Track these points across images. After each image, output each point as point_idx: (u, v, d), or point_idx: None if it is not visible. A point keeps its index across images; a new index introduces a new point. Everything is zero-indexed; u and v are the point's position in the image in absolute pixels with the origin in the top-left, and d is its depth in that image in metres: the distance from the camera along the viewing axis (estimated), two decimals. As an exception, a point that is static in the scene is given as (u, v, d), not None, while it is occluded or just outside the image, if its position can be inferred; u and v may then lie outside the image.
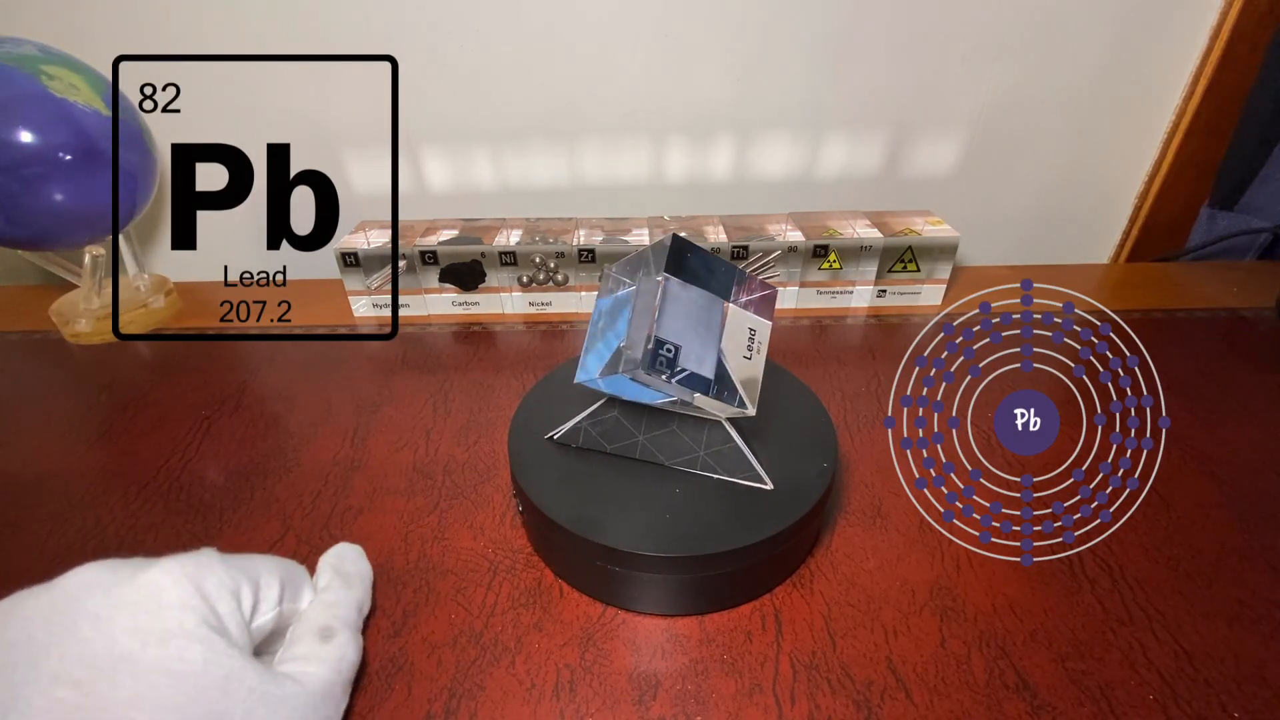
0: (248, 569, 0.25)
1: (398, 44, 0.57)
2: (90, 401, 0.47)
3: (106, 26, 0.56)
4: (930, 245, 0.55)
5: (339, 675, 0.26)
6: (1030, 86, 0.62)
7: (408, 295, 0.56)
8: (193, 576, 0.23)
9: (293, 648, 0.25)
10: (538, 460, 0.33)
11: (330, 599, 0.28)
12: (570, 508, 0.31)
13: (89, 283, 0.53)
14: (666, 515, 0.30)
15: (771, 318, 0.31)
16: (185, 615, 0.22)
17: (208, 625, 0.22)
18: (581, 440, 0.34)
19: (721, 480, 0.32)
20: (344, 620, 0.27)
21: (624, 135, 0.63)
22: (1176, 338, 0.53)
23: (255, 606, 0.25)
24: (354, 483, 0.39)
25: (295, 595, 0.27)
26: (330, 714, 0.25)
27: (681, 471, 0.33)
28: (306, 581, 0.28)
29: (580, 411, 0.34)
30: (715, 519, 0.30)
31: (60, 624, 0.21)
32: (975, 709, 0.28)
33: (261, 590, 0.25)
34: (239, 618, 0.24)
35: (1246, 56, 0.59)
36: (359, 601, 0.30)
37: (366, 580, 0.31)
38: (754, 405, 0.29)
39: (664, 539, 0.29)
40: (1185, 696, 0.28)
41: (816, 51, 0.59)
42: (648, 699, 0.28)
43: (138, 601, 0.22)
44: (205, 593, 0.23)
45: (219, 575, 0.23)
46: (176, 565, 0.23)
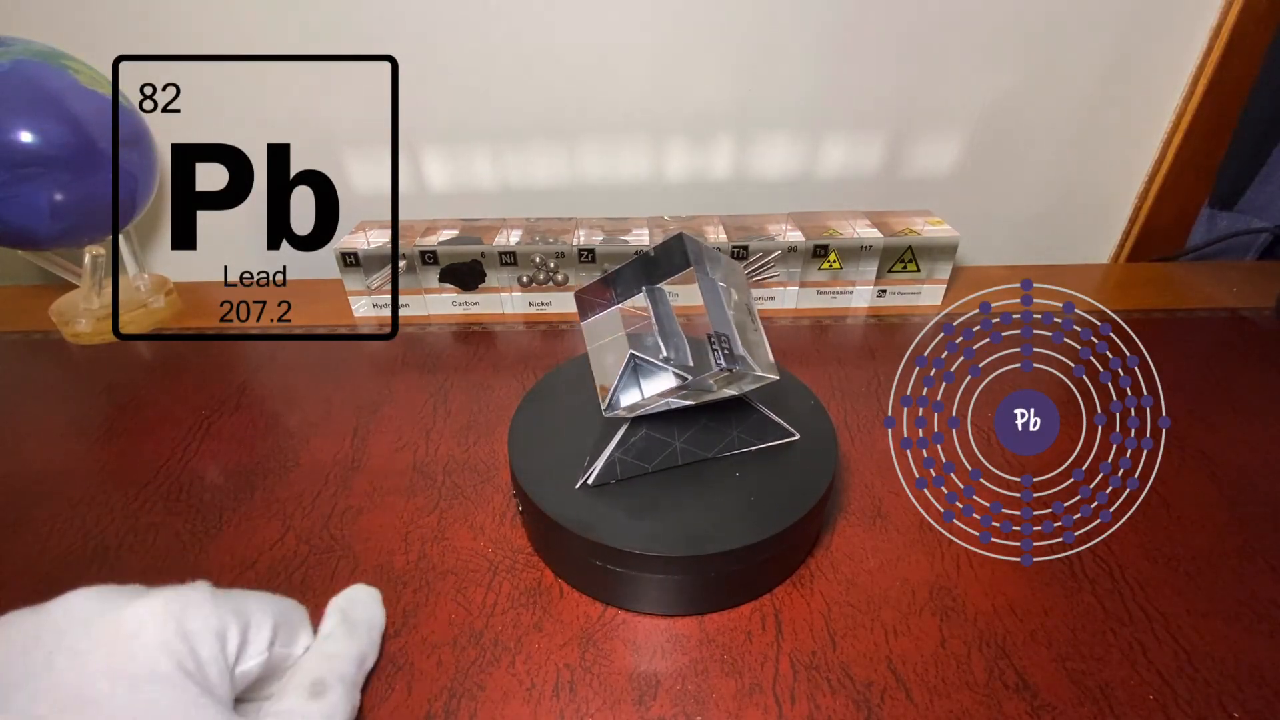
0: (240, 608, 0.24)
1: (398, 44, 0.57)
2: (90, 401, 0.47)
3: (106, 26, 0.56)
4: (930, 245, 0.55)
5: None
6: (1030, 87, 0.62)
7: (408, 295, 0.56)
8: (177, 615, 0.22)
9: (280, 701, 0.24)
10: (538, 461, 0.33)
11: (329, 649, 0.26)
12: (570, 507, 0.31)
13: (89, 283, 0.53)
14: (667, 515, 0.30)
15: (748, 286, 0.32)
16: (161, 658, 0.21)
17: (183, 670, 0.21)
18: (620, 473, 0.32)
19: (747, 457, 0.33)
20: (340, 674, 0.26)
21: (624, 135, 0.63)
22: (1176, 338, 0.53)
23: (242, 649, 0.23)
24: (354, 483, 0.39)
25: (290, 639, 0.25)
26: None
27: (725, 459, 0.33)
28: (305, 624, 0.27)
29: (602, 444, 0.32)
30: (715, 518, 0.30)
31: (38, 657, 0.20)
32: (975, 709, 0.28)
33: (251, 631, 0.24)
34: (221, 662, 0.22)
35: (1246, 56, 0.59)
36: (361, 654, 0.28)
37: (375, 629, 0.29)
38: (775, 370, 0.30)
39: (663, 539, 0.29)
40: (1185, 696, 0.28)
41: (816, 51, 0.59)
42: (648, 699, 0.28)
43: (115, 640, 0.21)
44: (187, 633, 0.22)
45: (205, 614, 0.22)
46: (161, 602, 0.22)
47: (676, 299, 0.32)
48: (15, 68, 0.45)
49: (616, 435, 0.32)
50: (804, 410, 0.37)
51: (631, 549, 0.29)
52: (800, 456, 0.34)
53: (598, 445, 0.32)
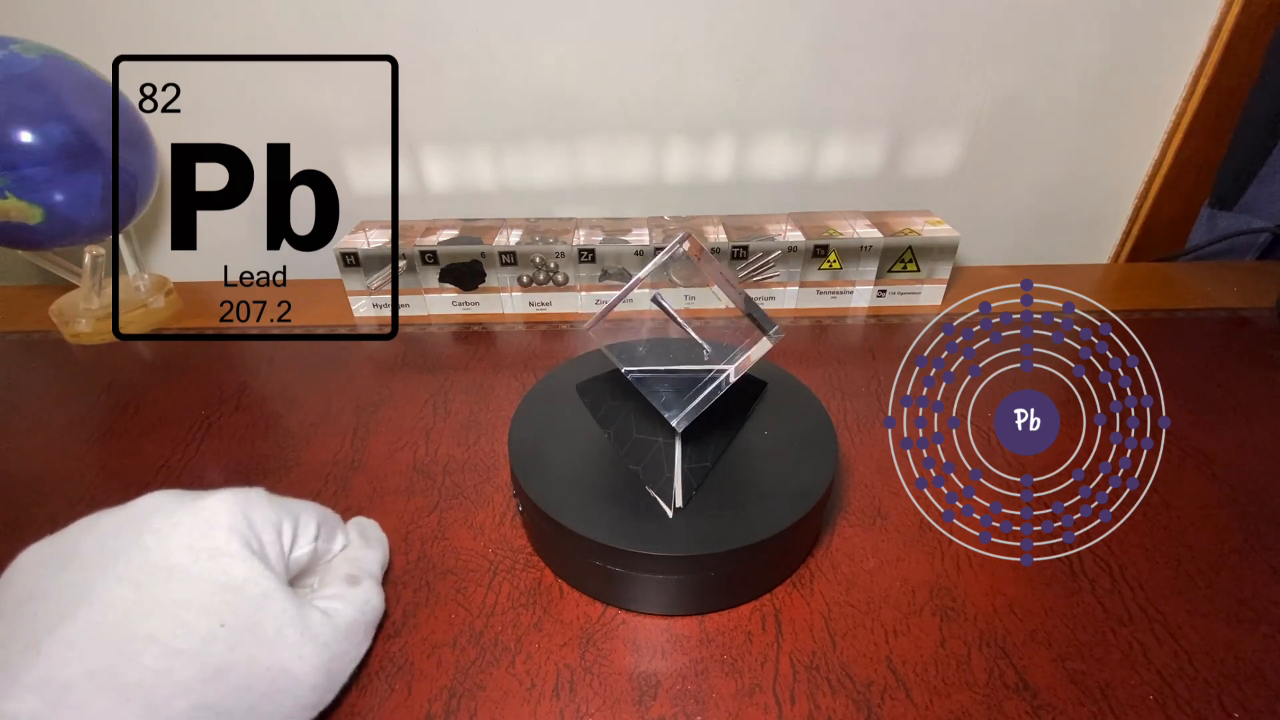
0: (290, 508, 0.28)
1: (398, 44, 0.57)
2: (90, 401, 0.47)
3: (106, 26, 0.56)
4: (930, 245, 0.55)
5: (363, 616, 0.28)
6: (1030, 86, 0.62)
7: (408, 295, 0.56)
8: (242, 506, 0.26)
9: (323, 589, 0.29)
10: (538, 460, 0.33)
11: (354, 554, 0.31)
12: (570, 507, 0.31)
13: (89, 283, 0.53)
14: (669, 514, 0.30)
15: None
16: (232, 538, 0.25)
17: (250, 549, 0.25)
18: (695, 482, 0.32)
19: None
20: (368, 571, 0.30)
21: (624, 135, 0.63)
22: (1176, 338, 0.53)
23: (294, 540, 0.28)
24: (354, 483, 0.39)
25: (330, 537, 0.30)
26: (350, 650, 0.27)
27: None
28: (340, 528, 0.31)
29: (660, 464, 0.32)
30: (716, 518, 0.30)
31: (128, 536, 0.25)
32: (975, 709, 0.28)
33: (300, 527, 0.28)
34: (279, 548, 0.27)
35: (1246, 56, 0.59)
36: (381, 559, 0.32)
37: (384, 544, 0.34)
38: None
39: (663, 539, 0.29)
40: (1185, 696, 0.28)
41: (816, 51, 0.59)
42: (648, 699, 0.28)
43: (193, 523, 0.25)
44: (251, 521, 0.26)
45: (264, 509, 0.27)
46: (231, 495, 0.26)
47: (694, 301, 0.34)
48: (47, 61, 0.46)
49: (676, 451, 0.32)
50: (804, 410, 0.37)
51: (631, 549, 0.29)
52: (800, 456, 0.34)
53: (656, 465, 0.32)
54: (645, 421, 0.33)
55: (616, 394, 0.35)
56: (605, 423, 0.35)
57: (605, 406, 0.36)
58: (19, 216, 0.45)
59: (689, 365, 0.32)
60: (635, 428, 0.34)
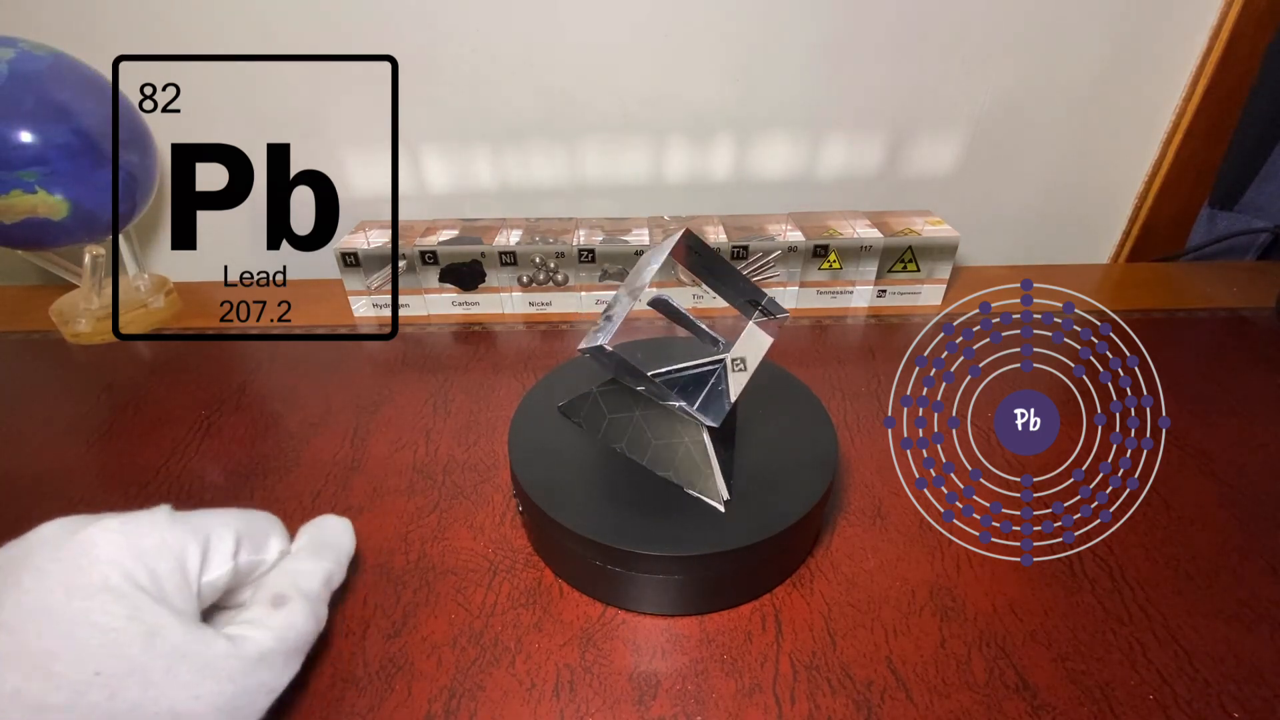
0: (199, 526, 0.26)
1: (398, 44, 0.57)
2: (90, 401, 0.47)
3: (107, 26, 0.56)
4: (930, 245, 0.55)
5: (281, 644, 0.25)
6: (1030, 86, 0.62)
7: (408, 295, 0.56)
8: (130, 534, 0.24)
9: (245, 611, 0.26)
10: (538, 460, 0.33)
11: (294, 566, 0.28)
12: (570, 507, 0.31)
13: (89, 283, 0.53)
14: (668, 515, 0.30)
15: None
16: (111, 572, 0.23)
17: (134, 583, 0.23)
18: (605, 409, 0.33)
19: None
20: (302, 589, 0.27)
21: (624, 135, 0.63)
22: (1176, 338, 0.53)
23: (204, 563, 0.25)
24: (354, 483, 0.39)
25: (258, 547, 0.27)
26: (267, 680, 0.25)
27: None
28: (275, 531, 0.29)
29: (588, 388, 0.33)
30: (715, 518, 0.30)
31: (12, 575, 0.23)
32: (975, 709, 0.28)
33: (212, 546, 0.26)
34: (179, 577, 0.24)
35: (1246, 56, 0.59)
36: (326, 572, 0.29)
37: (341, 552, 0.31)
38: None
39: (664, 539, 0.29)
40: (1185, 696, 0.28)
41: (816, 51, 0.59)
42: (648, 699, 0.28)
43: (73, 558, 0.23)
44: (141, 550, 0.23)
45: (162, 534, 0.24)
46: (116, 524, 0.24)
47: (701, 300, 0.34)
48: (57, 59, 0.46)
49: (708, 446, 0.31)
50: (804, 410, 0.37)
51: (631, 549, 0.29)
52: (800, 456, 0.34)
53: (690, 466, 0.32)
54: (660, 425, 0.32)
55: (613, 407, 0.34)
56: (612, 438, 0.34)
57: (605, 421, 0.34)
58: (46, 212, 0.45)
59: (704, 359, 0.32)
60: (651, 434, 0.32)
